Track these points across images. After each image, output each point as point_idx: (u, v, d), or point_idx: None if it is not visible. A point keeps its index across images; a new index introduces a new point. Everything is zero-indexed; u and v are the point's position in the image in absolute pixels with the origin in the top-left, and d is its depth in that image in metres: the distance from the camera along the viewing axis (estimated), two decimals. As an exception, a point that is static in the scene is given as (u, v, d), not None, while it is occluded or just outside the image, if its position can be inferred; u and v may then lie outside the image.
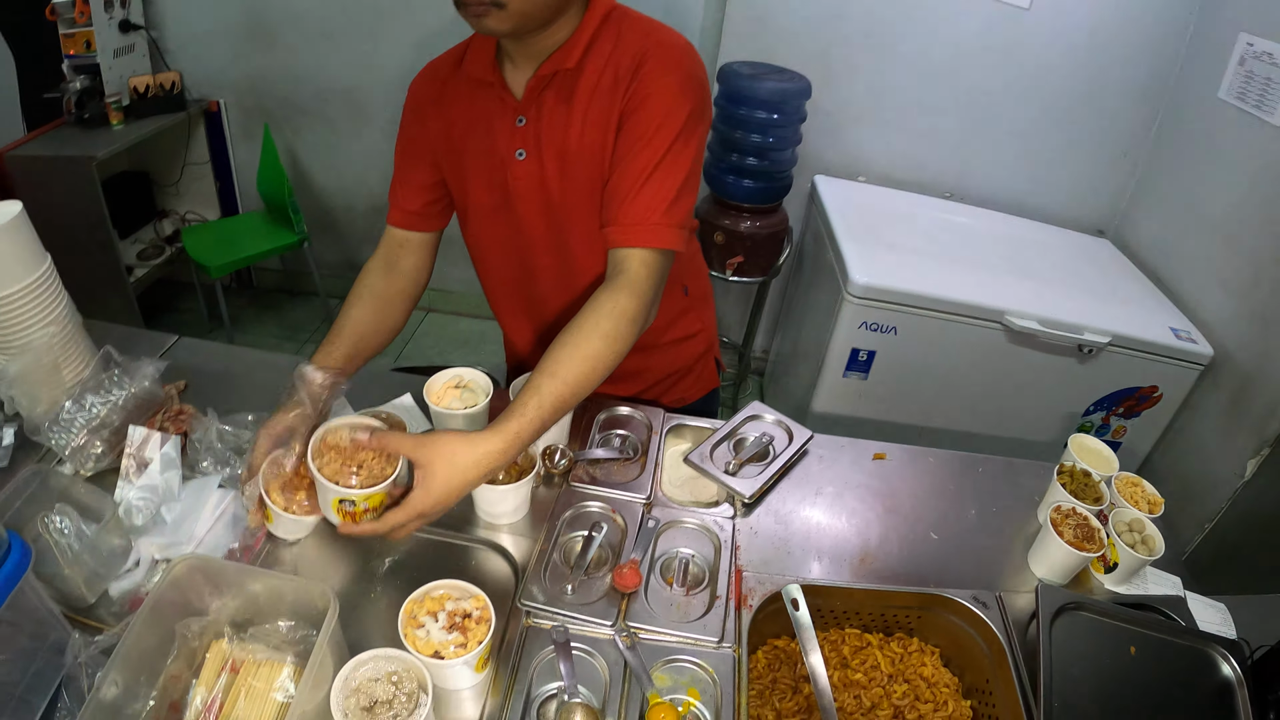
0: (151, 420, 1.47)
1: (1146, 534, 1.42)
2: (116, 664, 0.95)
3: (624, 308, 1.29)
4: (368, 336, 1.48)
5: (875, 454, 1.67)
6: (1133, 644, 1.27)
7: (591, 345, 1.25)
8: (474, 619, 1.14)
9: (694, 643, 1.24)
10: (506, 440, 1.18)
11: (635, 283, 1.31)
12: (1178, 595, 1.43)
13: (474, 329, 4.22)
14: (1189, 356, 2.54)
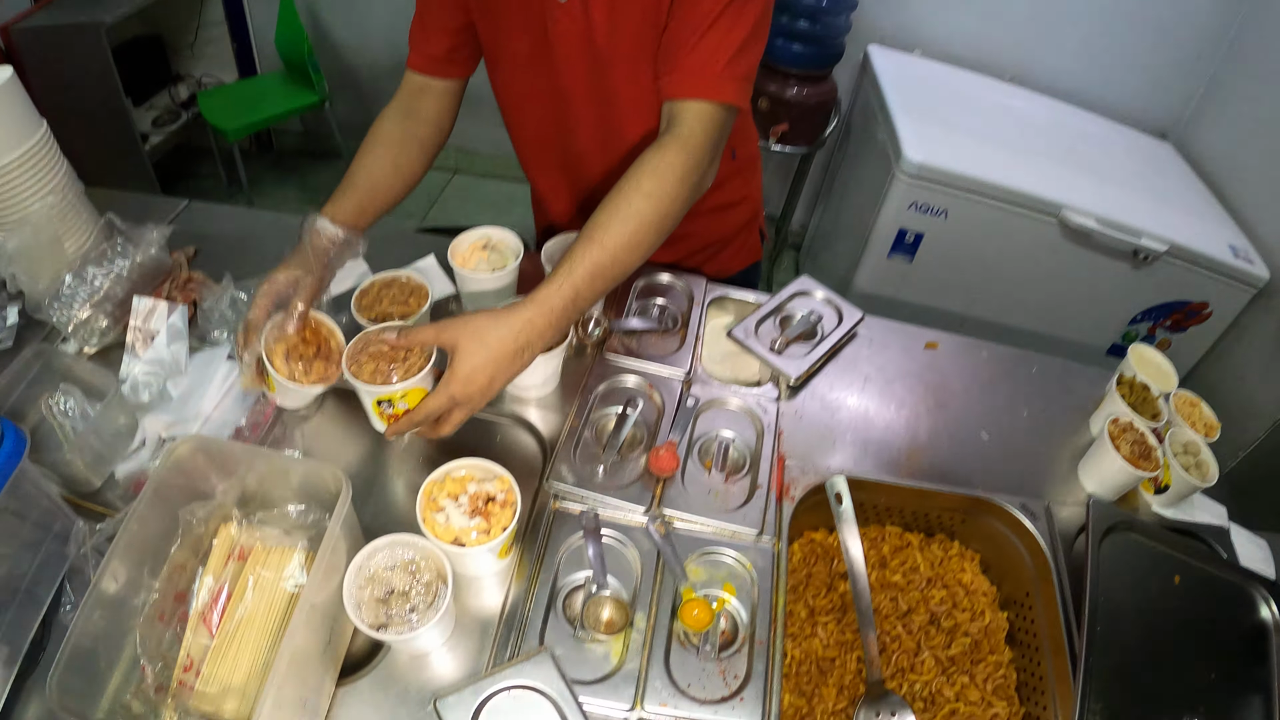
0: (158, 290, 1.37)
1: (1201, 458, 1.32)
2: (117, 553, 0.89)
3: (674, 164, 1.14)
4: (381, 187, 1.34)
5: (927, 343, 1.54)
6: (1177, 573, 1.19)
7: (634, 205, 1.11)
8: (498, 503, 1.04)
9: (732, 535, 1.16)
10: (538, 309, 1.05)
11: (689, 138, 1.17)
12: (1222, 526, 1.33)
13: (502, 191, 4.04)
14: (1244, 277, 2.41)
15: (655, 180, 1.13)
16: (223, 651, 0.91)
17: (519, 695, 0.96)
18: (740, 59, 1.18)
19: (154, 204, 1.67)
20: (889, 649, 1.22)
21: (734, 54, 1.17)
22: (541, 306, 1.05)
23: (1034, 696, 1.17)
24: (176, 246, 1.48)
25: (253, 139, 4.15)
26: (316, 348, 1.20)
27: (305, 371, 1.17)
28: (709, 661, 1.04)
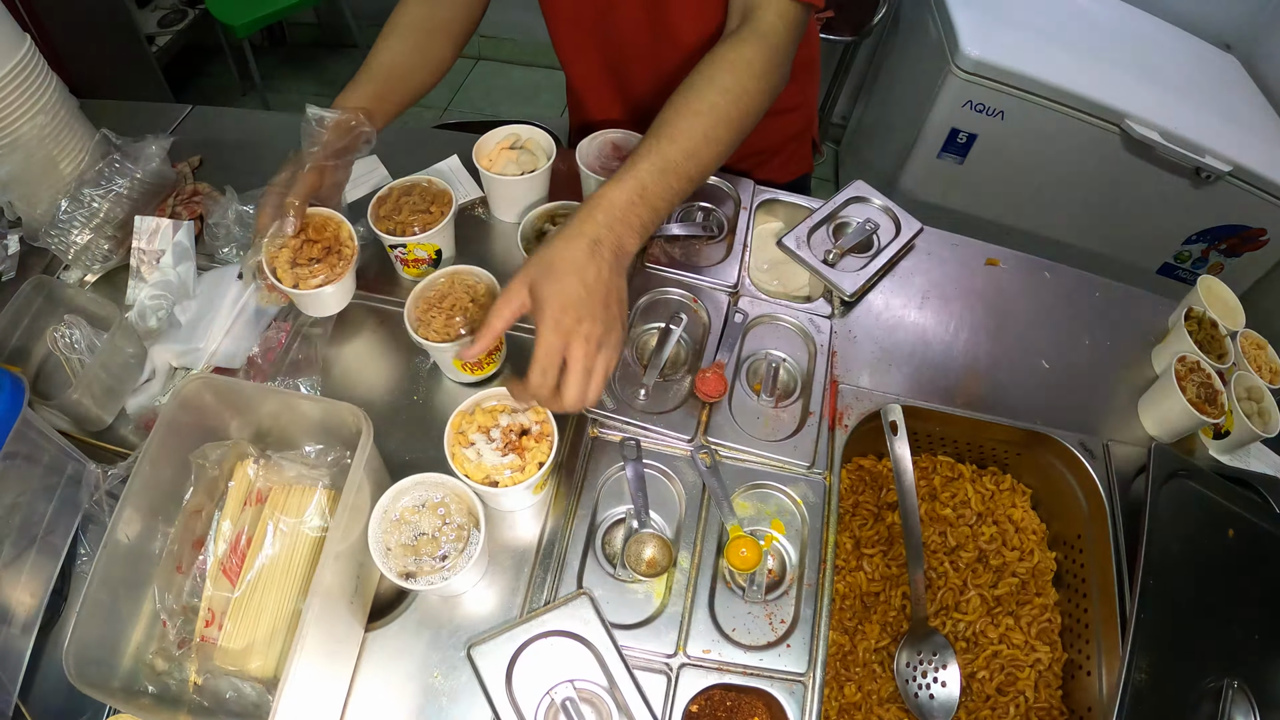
0: (162, 206, 1.27)
1: (1264, 405, 1.23)
2: (130, 501, 0.82)
3: (752, 60, 1.00)
4: (402, 74, 1.20)
5: (988, 259, 1.42)
6: (1231, 527, 1.11)
7: (708, 100, 0.97)
8: (533, 435, 0.94)
9: (781, 466, 1.07)
10: (594, 204, 0.90)
11: (770, 34, 1.03)
12: (1276, 476, 1.25)
13: (528, 79, 3.85)
14: None
15: (732, 75, 0.99)
16: (245, 604, 0.84)
17: (556, 642, 0.90)
18: None
19: (155, 112, 1.54)
20: (934, 585, 1.17)
21: None
22: (599, 202, 0.90)
23: (1076, 643, 1.11)
24: (180, 157, 1.38)
25: (264, 33, 3.95)
26: (325, 245, 1.11)
27: (313, 273, 1.08)
28: (755, 604, 0.98)
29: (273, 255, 1.08)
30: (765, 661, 0.93)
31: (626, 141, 1.27)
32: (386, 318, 1.20)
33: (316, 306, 1.15)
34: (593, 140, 1.27)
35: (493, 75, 3.88)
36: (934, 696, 1.05)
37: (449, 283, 1.08)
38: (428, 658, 0.91)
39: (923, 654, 1.07)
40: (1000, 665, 1.11)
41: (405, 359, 1.16)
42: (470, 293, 1.07)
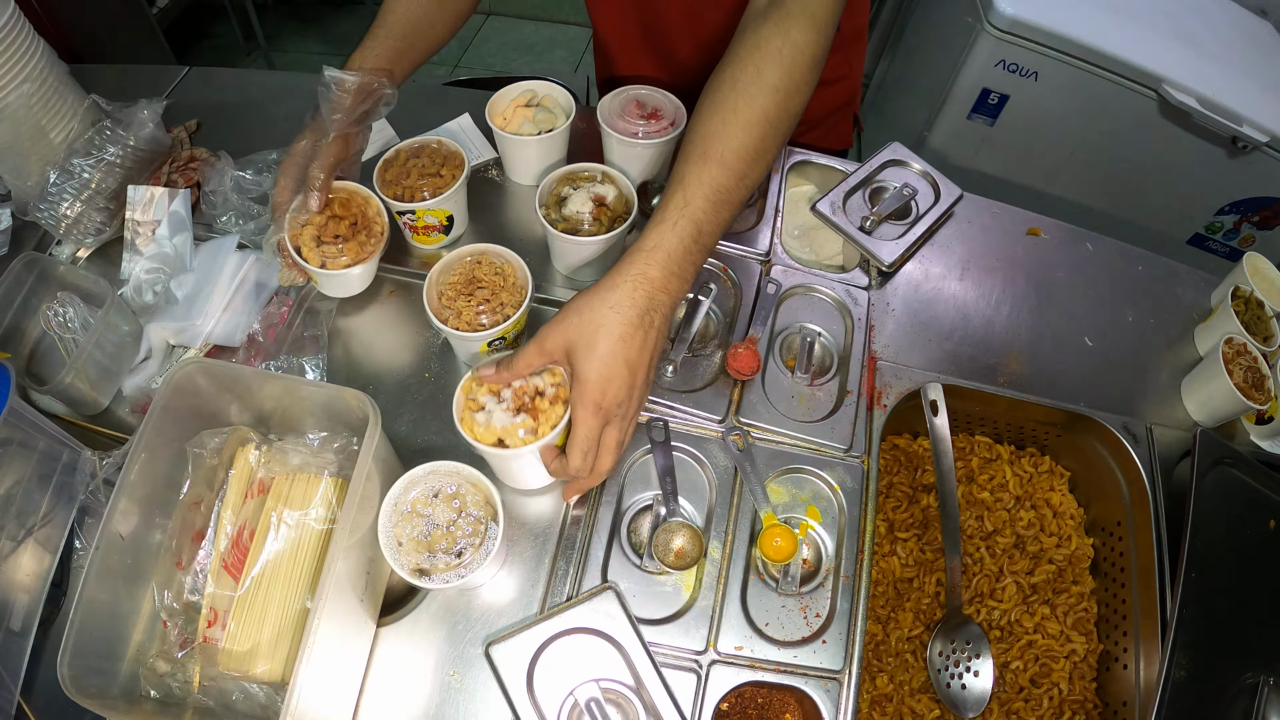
0: (157, 174, 1.20)
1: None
2: (124, 493, 0.77)
3: (802, 46, 0.89)
4: (421, 29, 1.11)
5: (1030, 229, 1.34)
6: (1274, 517, 1.06)
7: (757, 105, 0.86)
8: (547, 398, 0.85)
9: (817, 449, 1.01)
10: (649, 259, 0.81)
11: (816, 12, 0.91)
12: None
13: (541, 34, 3.74)
14: None
15: (782, 70, 0.88)
16: (249, 602, 0.78)
17: (580, 639, 0.84)
18: None
19: (150, 75, 1.45)
20: (970, 571, 1.12)
21: None
22: (654, 254, 0.81)
23: (1113, 634, 1.06)
24: (177, 121, 1.30)
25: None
26: (352, 222, 1.03)
27: (341, 252, 1.01)
28: (789, 597, 0.92)
29: (296, 233, 1.01)
30: (799, 658, 0.88)
31: (650, 98, 1.19)
32: (396, 288, 1.13)
33: (340, 287, 1.08)
34: (615, 96, 1.18)
35: (505, 30, 3.77)
36: (966, 687, 1.01)
37: (473, 264, 1.00)
38: (443, 655, 0.86)
39: (956, 644, 1.02)
40: (1035, 656, 1.07)
41: (415, 333, 1.09)
42: (501, 277, 0.99)
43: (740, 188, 0.86)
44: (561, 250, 1.09)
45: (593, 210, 1.04)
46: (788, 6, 0.91)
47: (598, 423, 0.80)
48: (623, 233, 1.05)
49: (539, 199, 1.05)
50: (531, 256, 1.00)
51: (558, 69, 3.56)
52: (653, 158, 1.16)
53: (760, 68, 0.88)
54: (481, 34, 3.72)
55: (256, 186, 1.17)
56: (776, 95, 0.87)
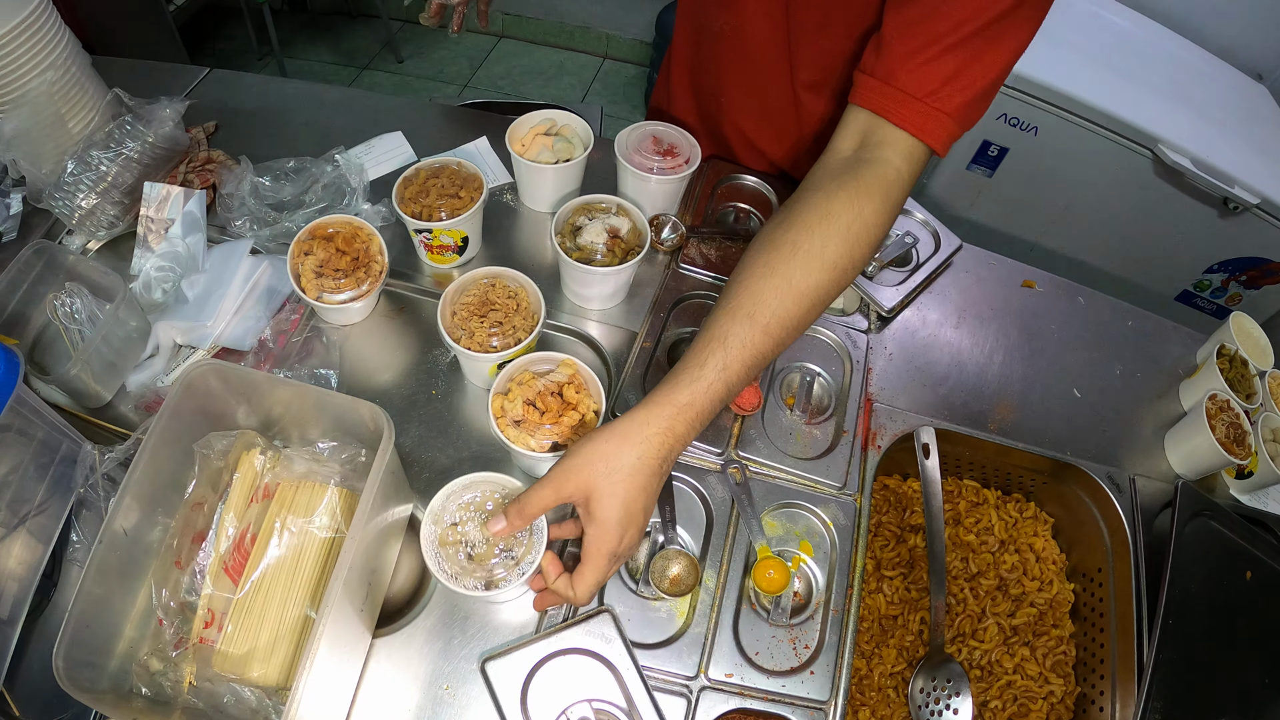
0: (173, 173, 1.20)
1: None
2: (129, 490, 0.76)
3: (870, 224, 0.86)
4: None
5: (1024, 281, 1.37)
6: (1250, 569, 1.09)
7: (812, 279, 0.83)
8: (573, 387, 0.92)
9: (813, 485, 1.02)
10: (679, 415, 0.78)
11: (891, 185, 0.89)
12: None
13: (552, 60, 3.76)
14: None
15: (846, 248, 0.85)
16: (247, 606, 0.78)
17: (575, 660, 0.85)
18: (975, 106, 0.90)
19: (170, 73, 1.45)
20: (953, 611, 1.14)
21: (976, 96, 0.89)
22: (686, 411, 0.78)
23: (1090, 677, 1.08)
24: (195, 122, 1.30)
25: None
26: (353, 258, 1.05)
27: (340, 288, 1.03)
28: (779, 628, 0.93)
29: (297, 262, 1.03)
30: (787, 688, 0.89)
31: (667, 134, 1.21)
32: (407, 304, 1.14)
33: (339, 318, 1.10)
34: (633, 131, 1.21)
35: (516, 54, 3.80)
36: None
37: (487, 286, 1.01)
38: (438, 668, 0.86)
39: (937, 681, 1.03)
40: (1014, 696, 1.09)
41: (424, 350, 1.10)
42: (514, 300, 1.01)
43: (774, 354, 0.84)
44: (574, 279, 1.11)
45: (607, 241, 1.06)
46: (866, 181, 0.88)
47: (611, 567, 0.79)
48: (634, 265, 1.07)
49: (555, 227, 1.07)
50: (542, 282, 1.02)
51: (565, 95, 3.59)
52: (666, 193, 1.18)
53: (825, 241, 0.84)
54: (493, 56, 3.75)
55: (273, 194, 1.18)
56: (834, 272, 0.84)
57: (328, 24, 3.86)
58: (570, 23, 3.71)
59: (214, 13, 3.65)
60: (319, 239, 1.06)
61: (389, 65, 3.58)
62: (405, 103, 1.49)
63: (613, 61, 3.79)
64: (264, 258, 1.12)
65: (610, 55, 3.79)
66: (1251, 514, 1.19)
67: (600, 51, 3.78)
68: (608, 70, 3.76)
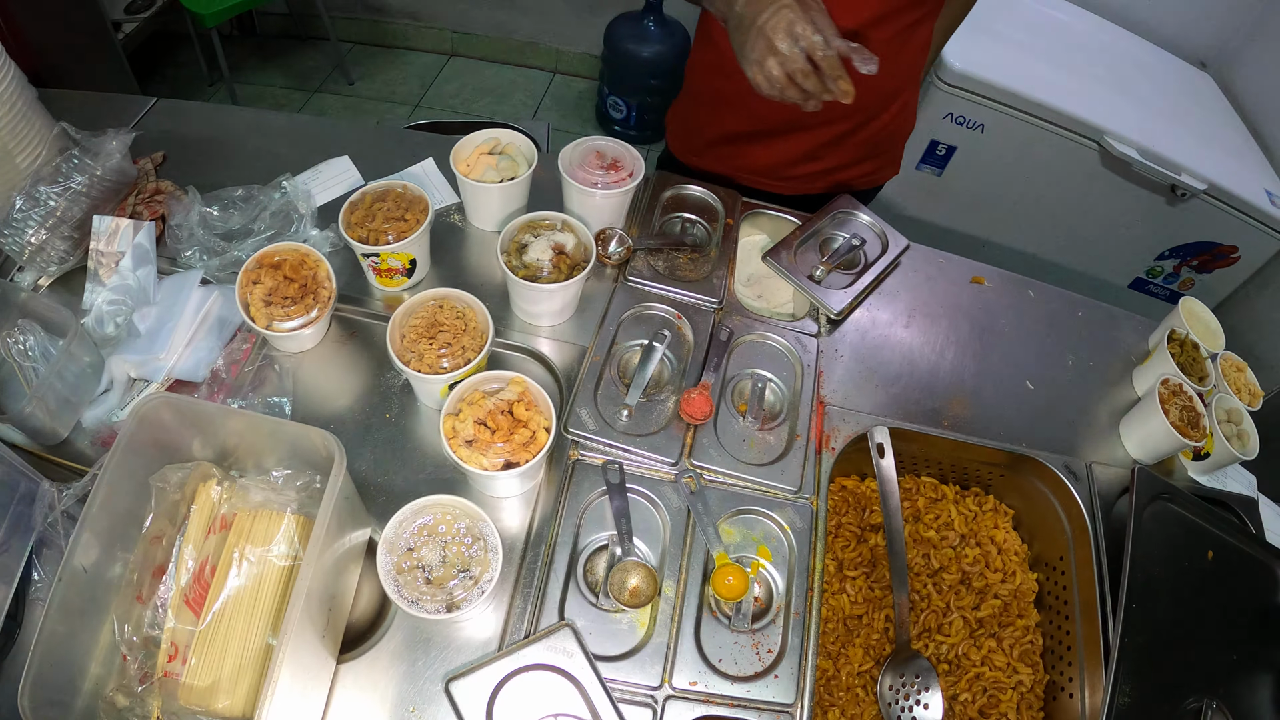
0: (122, 205, 1.21)
1: (1243, 428, 1.25)
2: (87, 526, 0.77)
3: None
4: None
5: (974, 277, 1.41)
6: (1211, 549, 1.12)
7: None
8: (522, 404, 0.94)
9: (768, 491, 1.05)
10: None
11: None
12: (1251, 496, 1.26)
13: (503, 77, 3.78)
14: (1278, 225, 2.27)
15: None
16: (210, 637, 0.79)
17: (538, 676, 0.86)
18: None
19: (118, 104, 1.45)
20: (918, 607, 1.16)
21: None
22: None
23: (1058, 665, 1.11)
24: (143, 153, 1.30)
25: (234, 22, 3.84)
26: (301, 284, 1.07)
27: (288, 315, 1.05)
28: (741, 634, 0.95)
29: (246, 291, 1.04)
30: (752, 693, 0.91)
31: (610, 149, 1.24)
32: (359, 328, 1.16)
33: (290, 345, 1.11)
34: (576, 147, 1.23)
35: (465, 73, 3.81)
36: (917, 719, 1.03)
37: (435, 308, 1.04)
38: (403, 691, 0.87)
39: (905, 677, 1.05)
40: (983, 688, 1.11)
41: (377, 373, 1.12)
42: (463, 321, 1.03)
43: None
44: (521, 296, 1.13)
45: (552, 258, 1.08)
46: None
47: None
48: (580, 280, 1.09)
49: (500, 246, 1.09)
50: (491, 300, 1.04)
51: (516, 113, 3.61)
52: (611, 207, 1.21)
53: None
54: (443, 75, 3.76)
55: (222, 223, 1.19)
56: None
57: (277, 48, 3.85)
58: (519, 38, 3.73)
59: (163, 40, 3.62)
60: (266, 267, 1.07)
61: (340, 87, 3.60)
62: (352, 127, 1.51)
63: (563, 76, 3.82)
64: (214, 288, 1.13)
65: (560, 70, 3.82)
66: (1211, 494, 1.23)
67: (550, 66, 3.82)
68: (559, 85, 3.79)
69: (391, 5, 3.69)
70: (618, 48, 3.19)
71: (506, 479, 0.91)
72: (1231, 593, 1.10)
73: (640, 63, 3.18)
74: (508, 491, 0.99)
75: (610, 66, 3.32)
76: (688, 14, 3.32)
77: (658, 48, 3.16)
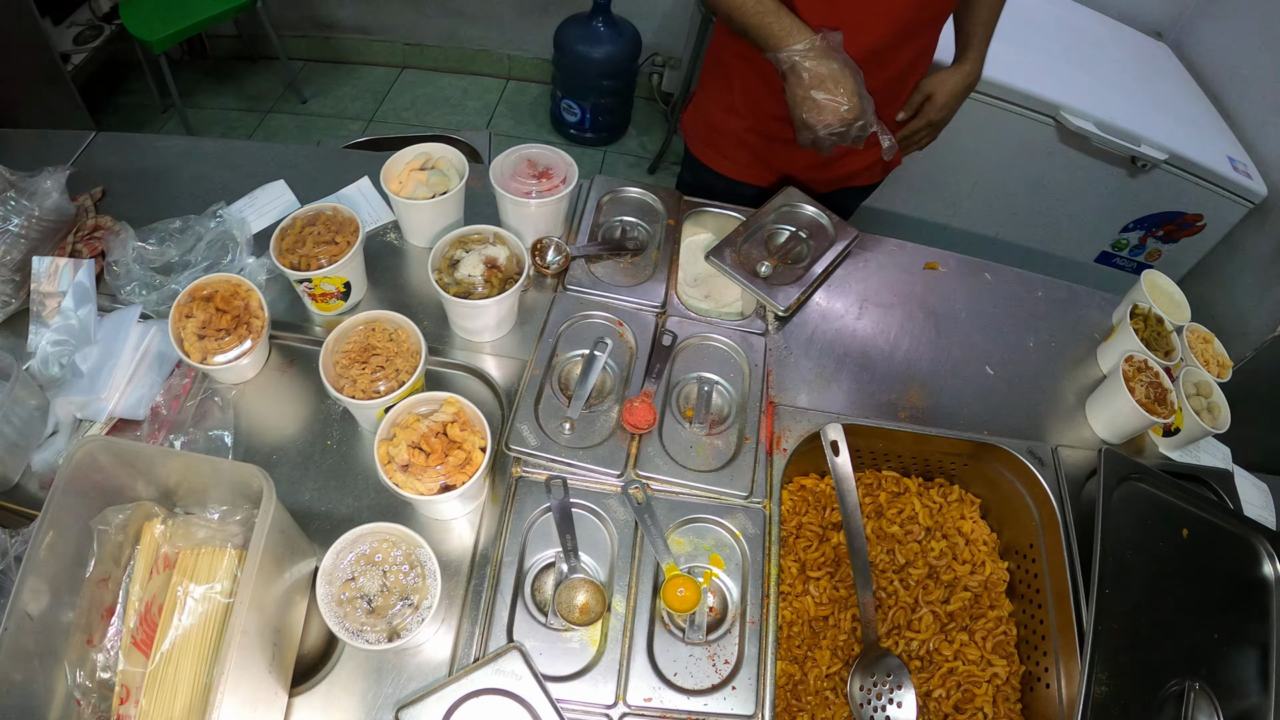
0: (62, 244, 1.20)
1: (1213, 400, 1.24)
2: (31, 571, 0.78)
3: None
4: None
5: (927, 263, 1.41)
6: (1186, 526, 1.11)
7: None
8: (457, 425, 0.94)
9: (717, 497, 1.04)
10: None
11: None
12: (1225, 469, 1.26)
13: (454, 86, 3.79)
14: (1241, 191, 2.28)
15: None
16: (159, 677, 0.79)
17: (488, 700, 0.86)
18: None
19: (56, 141, 1.44)
20: (885, 605, 1.15)
21: None
22: None
23: (1033, 655, 1.11)
24: (83, 188, 1.30)
25: (184, 47, 3.83)
26: (234, 316, 1.06)
27: (221, 347, 1.05)
28: (696, 646, 0.95)
29: (179, 326, 1.04)
30: (710, 705, 0.90)
31: (542, 157, 1.24)
32: (298, 356, 1.15)
33: (229, 377, 1.10)
34: (507, 156, 1.23)
35: (418, 84, 3.82)
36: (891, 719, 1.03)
37: (367, 331, 1.04)
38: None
39: (876, 677, 1.05)
40: (957, 682, 1.10)
41: (318, 400, 1.11)
42: (395, 344, 1.03)
43: None
44: (457, 313, 1.13)
45: (484, 272, 1.08)
46: None
47: None
48: (514, 294, 1.09)
49: (431, 263, 1.09)
50: (431, 319, 1.04)
51: (471, 120, 3.61)
52: (547, 216, 1.21)
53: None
54: (396, 88, 3.77)
55: (158, 256, 1.18)
56: None
57: (229, 70, 3.85)
58: (470, 47, 3.74)
59: (115, 68, 3.61)
60: (198, 300, 1.07)
61: (293, 107, 3.59)
62: (289, 150, 1.50)
63: (516, 82, 3.83)
64: (153, 323, 1.13)
65: (513, 76, 3.84)
66: (1184, 470, 1.23)
67: (503, 73, 3.83)
68: (512, 91, 3.80)
69: (341, 20, 3.69)
70: (568, 50, 3.20)
71: (446, 502, 0.91)
72: (1209, 570, 1.10)
73: (591, 64, 3.19)
74: (450, 514, 0.99)
75: (561, 70, 3.32)
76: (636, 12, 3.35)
77: (608, 48, 3.16)
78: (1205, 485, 1.22)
